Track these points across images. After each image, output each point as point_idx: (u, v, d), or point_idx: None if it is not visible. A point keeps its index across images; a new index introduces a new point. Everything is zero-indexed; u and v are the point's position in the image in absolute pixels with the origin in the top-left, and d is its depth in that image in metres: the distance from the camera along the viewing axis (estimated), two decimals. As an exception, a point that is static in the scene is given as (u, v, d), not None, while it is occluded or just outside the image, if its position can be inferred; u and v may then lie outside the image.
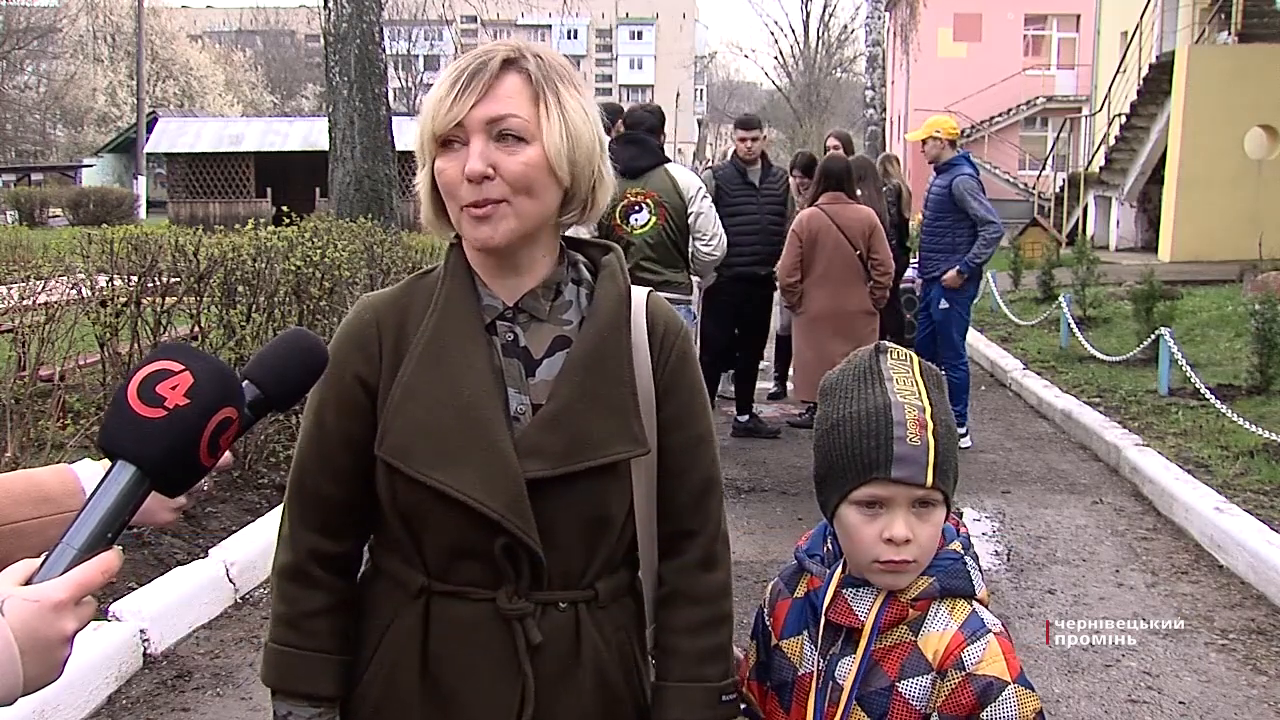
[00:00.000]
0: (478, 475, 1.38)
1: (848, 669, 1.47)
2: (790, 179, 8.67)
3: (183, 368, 1.10)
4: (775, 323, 8.74)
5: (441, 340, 1.43)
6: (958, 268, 6.91)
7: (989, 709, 1.39)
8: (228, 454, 1.21)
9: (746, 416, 7.42)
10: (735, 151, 7.43)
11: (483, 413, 1.40)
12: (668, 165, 5.97)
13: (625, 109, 7.48)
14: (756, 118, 7.69)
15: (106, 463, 1.20)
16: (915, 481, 1.43)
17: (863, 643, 1.47)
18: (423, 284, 1.51)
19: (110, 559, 1.03)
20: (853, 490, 1.45)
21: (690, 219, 5.85)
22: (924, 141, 7.11)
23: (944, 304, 7.02)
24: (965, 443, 6.98)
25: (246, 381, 1.20)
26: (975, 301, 7.79)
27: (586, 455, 1.41)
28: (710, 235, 5.87)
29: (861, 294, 6.54)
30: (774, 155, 8.64)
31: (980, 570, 1.53)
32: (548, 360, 1.46)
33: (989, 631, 1.44)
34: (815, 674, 1.51)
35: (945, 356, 7.05)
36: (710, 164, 7.54)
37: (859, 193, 6.77)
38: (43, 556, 1.02)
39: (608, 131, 5.51)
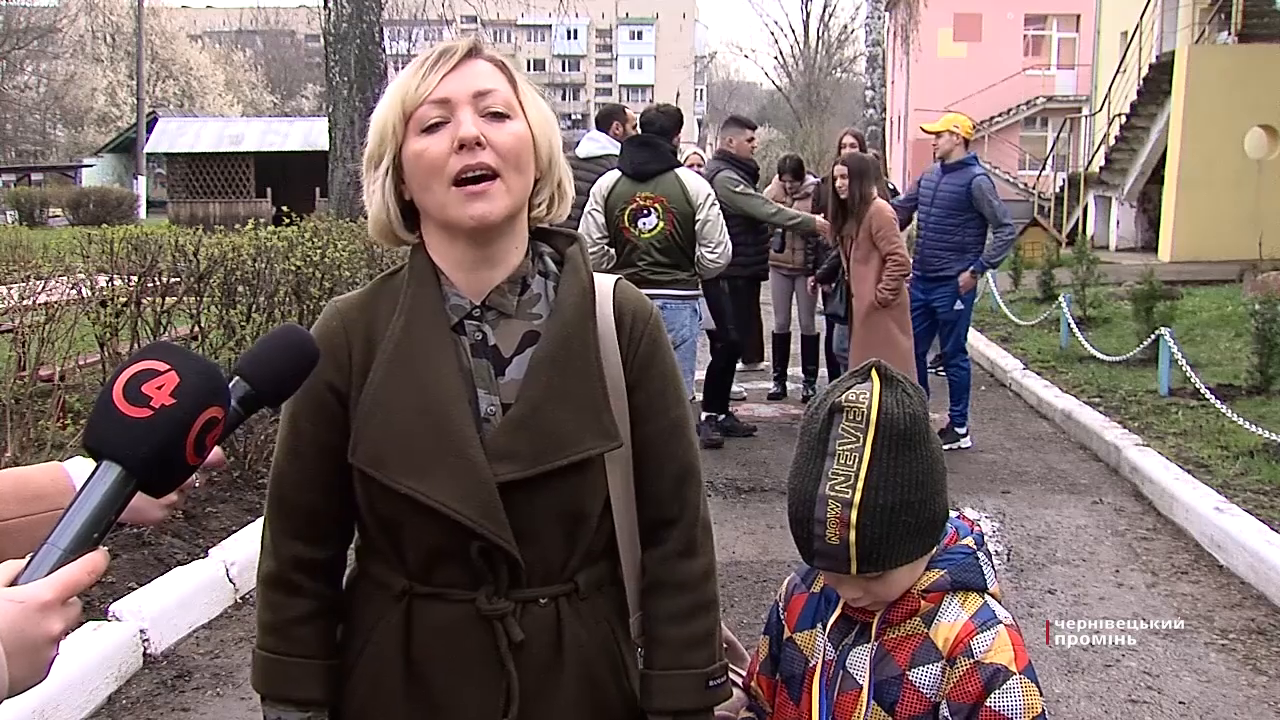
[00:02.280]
0: (450, 482, 1.38)
1: (860, 659, 1.48)
2: (777, 182, 8.69)
3: (169, 367, 1.10)
4: (771, 322, 8.74)
5: (409, 345, 1.43)
6: (973, 268, 6.93)
7: (994, 696, 1.40)
8: (219, 451, 1.21)
9: (723, 415, 7.30)
10: (738, 152, 7.24)
11: (452, 417, 1.40)
12: (678, 170, 5.98)
13: (626, 110, 7.50)
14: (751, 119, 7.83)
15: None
16: (839, 571, 1.44)
17: (872, 633, 1.49)
18: (389, 286, 1.50)
19: (96, 559, 1.02)
20: None
21: (698, 225, 5.86)
22: (938, 134, 7.10)
23: (959, 305, 7.00)
24: (966, 442, 6.98)
25: (238, 378, 1.20)
26: (975, 301, 7.79)
27: (557, 454, 1.40)
28: (716, 243, 5.88)
29: None
30: (774, 155, 8.63)
31: (993, 565, 1.54)
32: (518, 358, 1.45)
33: (999, 623, 1.45)
34: (823, 663, 1.52)
35: (950, 355, 7.05)
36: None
37: None
38: (28, 557, 1.02)
39: (603, 129, 5.57)
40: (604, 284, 1.52)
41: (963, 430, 7.01)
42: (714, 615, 1.53)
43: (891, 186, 9.09)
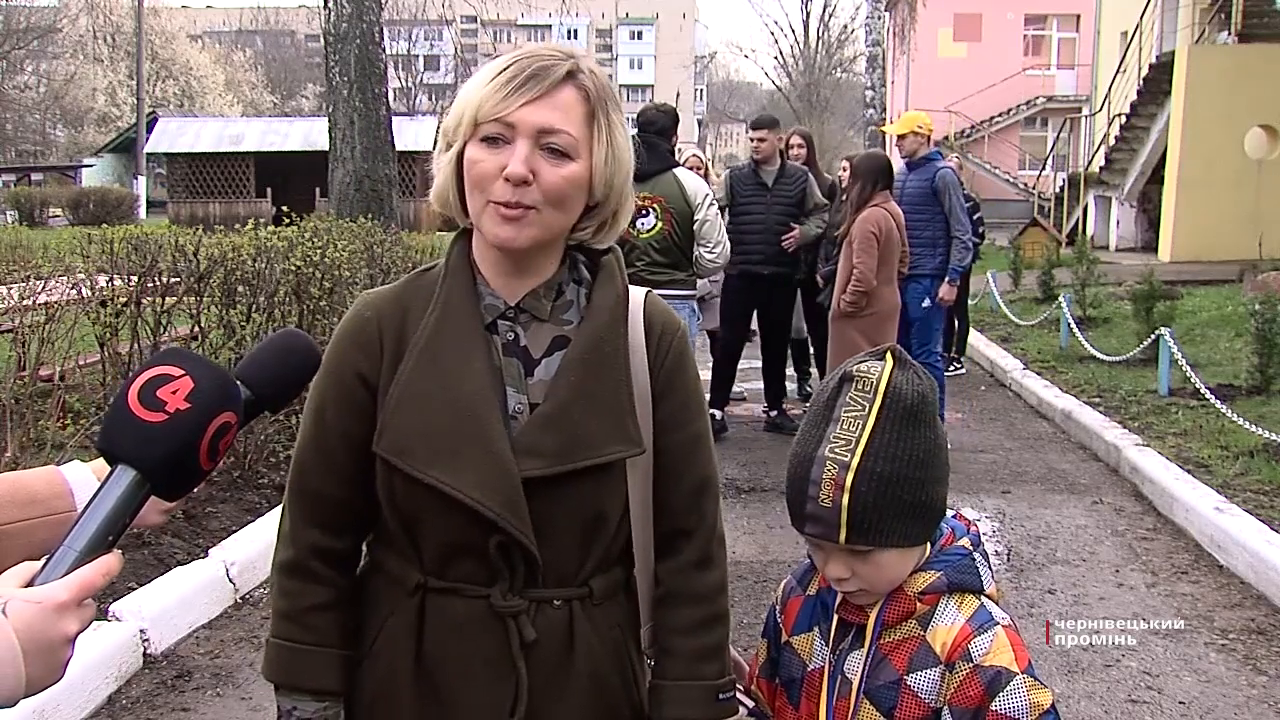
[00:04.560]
0: (475, 474, 1.39)
1: (856, 663, 1.48)
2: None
3: (183, 372, 1.11)
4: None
5: (441, 339, 1.44)
6: (948, 278, 6.93)
7: (999, 698, 1.39)
8: None
9: (775, 412, 7.57)
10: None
11: (480, 412, 1.41)
12: (676, 170, 6.00)
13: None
14: (768, 118, 7.66)
15: (95, 464, 1.20)
16: (827, 539, 1.44)
17: (868, 635, 1.48)
18: (423, 282, 1.51)
19: (111, 561, 1.04)
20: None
21: (696, 225, 5.87)
22: (902, 136, 7.14)
23: (927, 302, 7.00)
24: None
25: (238, 382, 1.20)
26: (975, 302, 7.80)
27: (582, 455, 1.41)
28: (714, 243, 5.90)
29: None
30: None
31: (990, 566, 1.53)
32: (546, 360, 1.46)
33: (997, 624, 1.45)
34: (826, 668, 1.52)
35: (919, 354, 6.92)
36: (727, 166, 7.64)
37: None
38: (43, 559, 1.03)
39: None
40: (635, 295, 1.53)
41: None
42: (725, 628, 1.53)
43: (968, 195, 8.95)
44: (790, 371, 8.70)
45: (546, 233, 1.42)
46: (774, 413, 7.60)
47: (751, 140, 7.32)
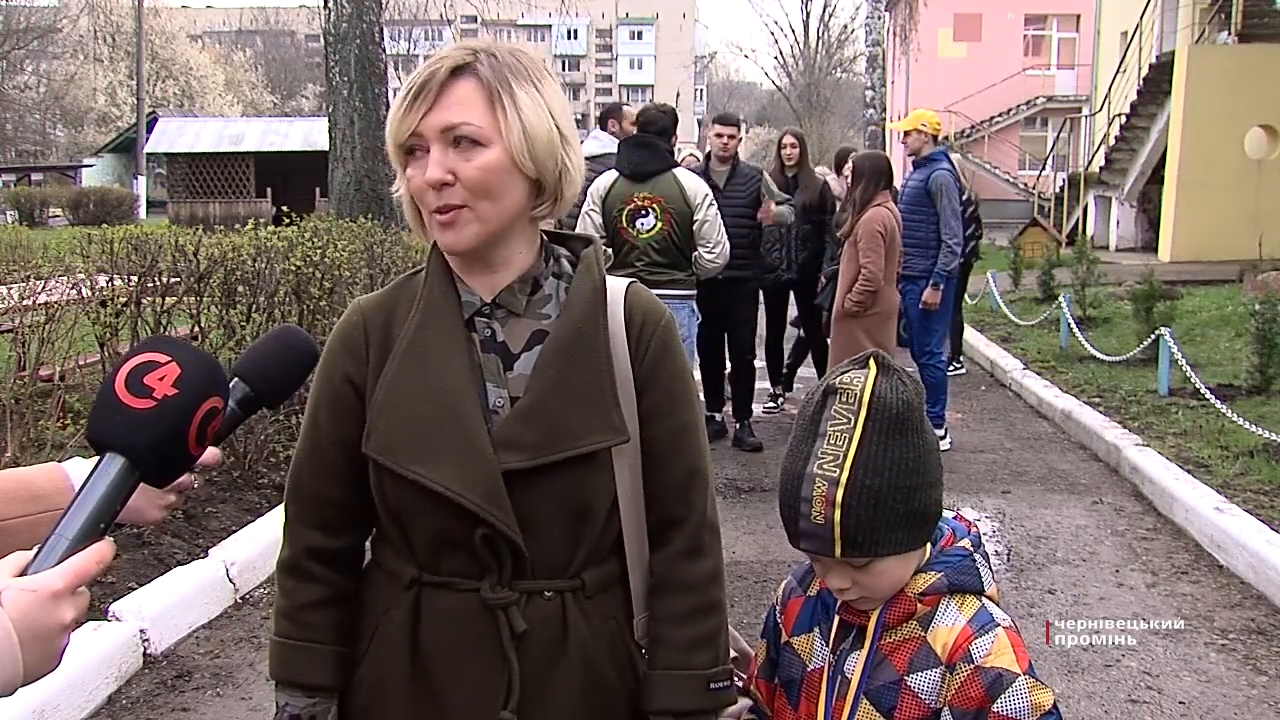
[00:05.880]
0: (456, 468, 1.41)
1: (855, 663, 1.48)
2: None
3: (169, 359, 1.12)
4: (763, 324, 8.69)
5: (422, 338, 1.47)
6: (932, 282, 6.80)
7: (1000, 700, 1.39)
8: (216, 451, 1.22)
9: (739, 424, 7.11)
10: (710, 150, 7.04)
11: (460, 408, 1.43)
12: (676, 171, 5.97)
13: (624, 107, 7.44)
14: (734, 116, 7.34)
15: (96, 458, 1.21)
16: (824, 554, 1.44)
17: (868, 636, 1.48)
18: (410, 285, 1.54)
19: (103, 549, 1.04)
20: None
21: (696, 226, 5.85)
22: (906, 134, 7.10)
23: (922, 304, 6.97)
24: (944, 444, 6.95)
25: (236, 379, 1.21)
26: (975, 302, 7.75)
27: (563, 446, 1.43)
28: (714, 243, 5.88)
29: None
30: (773, 156, 8.55)
31: (990, 568, 1.53)
32: (525, 354, 1.49)
33: (998, 625, 1.45)
34: (826, 668, 1.52)
35: (921, 356, 6.95)
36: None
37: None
38: (35, 548, 1.03)
39: (603, 128, 5.48)
40: (616, 286, 1.54)
41: (940, 432, 6.96)
42: (718, 618, 1.54)
43: (968, 195, 8.88)
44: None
45: (487, 226, 1.43)
46: (738, 425, 7.10)
47: (720, 137, 6.85)
